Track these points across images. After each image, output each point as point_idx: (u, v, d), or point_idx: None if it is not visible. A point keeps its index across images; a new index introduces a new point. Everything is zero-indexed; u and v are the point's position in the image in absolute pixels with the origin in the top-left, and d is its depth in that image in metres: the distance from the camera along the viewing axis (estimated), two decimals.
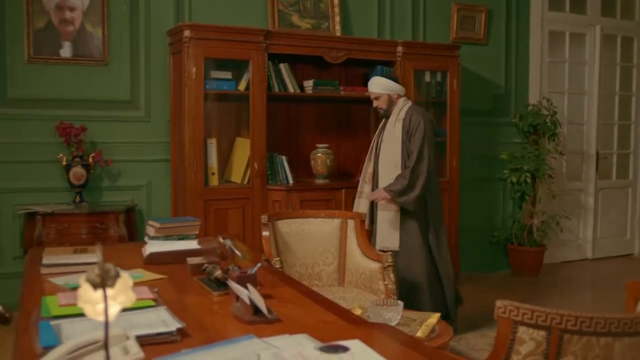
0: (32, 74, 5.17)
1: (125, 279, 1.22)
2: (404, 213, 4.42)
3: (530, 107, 6.86)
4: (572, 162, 7.44)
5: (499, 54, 6.85)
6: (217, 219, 5.04)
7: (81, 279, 1.20)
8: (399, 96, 4.61)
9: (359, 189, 4.69)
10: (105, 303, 1.15)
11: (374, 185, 4.59)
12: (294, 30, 5.67)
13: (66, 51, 5.25)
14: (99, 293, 1.18)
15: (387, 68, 5.76)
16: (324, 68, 5.73)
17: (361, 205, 4.60)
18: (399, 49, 5.75)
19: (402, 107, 4.57)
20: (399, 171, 4.42)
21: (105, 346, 1.21)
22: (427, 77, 6.11)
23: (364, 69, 5.91)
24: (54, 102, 5.20)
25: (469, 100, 6.50)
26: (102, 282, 1.15)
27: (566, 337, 1.69)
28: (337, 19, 5.91)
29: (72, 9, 5.26)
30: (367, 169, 4.70)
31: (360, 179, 4.73)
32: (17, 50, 5.11)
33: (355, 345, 1.56)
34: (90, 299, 1.19)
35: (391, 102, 4.58)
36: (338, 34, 5.87)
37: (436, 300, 4.43)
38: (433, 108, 6.22)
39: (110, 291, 1.19)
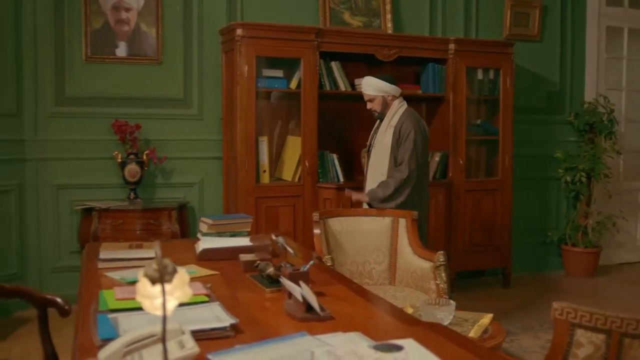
0: (89, 73, 5.29)
1: (182, 274, 1.24)
2: None
3: (586, 105, 6.71)
4: (630, 161, 7.24)
5: (553, 51, 6.72)
6: (268, 217, 5.07)
7: (140, 274, 1.22)
8: (394, 98, 4.41)
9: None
10: (163, 298, 1.17)
11: (364, 189, 4.45)
12: (345, 28, 5.66)
13: (122, 50, 5.36)
14: (157, 288, 1.20)
15: (438, 66, 5.71)
16: (375, 66, 5.70)
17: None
18: (451, 46, 5.69)
19: (397, 110, 4.37)
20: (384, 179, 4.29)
21: (163, 340, 1.23)
22: (480, 75, 6.03)
23: (416, 66, 5.87)
24: (110, 100, 5.31)
25: (523, 98, 6.40)
26: (161, 277, 1.17)
27: (627, 341, 1.65)
28: (389, 16, 5.88)
29: (127, 10, 5.36)
30: (365, 170, 4.60)
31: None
32: (75, 50, 5.24)
33: (409, 345, 1.55)
34: (149, 294, 1.21)
35: (385, 105, 4.40)
36: (389, 31, 5.84)
37: None
38: (485, 106, 6.15)
39: (167, 286, 1.21)
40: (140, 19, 5.40)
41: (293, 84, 5.27)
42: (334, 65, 5.45)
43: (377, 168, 4.33)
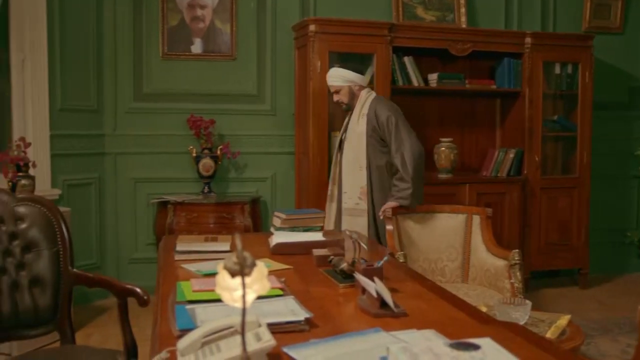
0: (165, 70, 5.42)
1: (261, 267, 1.25)
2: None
3: None
4: None
5: (636, 44, 6.46)
6: None
7: (219, 267, 1.24)
8: (361, 87, 4.21)
9: (328, 192, 4.38)
10: (243, 291, 1.18)
11: (339, 187, 4.26)
12: (418, 23, 5.61)
13: (197, 47, 5.47)
14: (236, 280, 1.21)
15: (513, 60, 5.59)
16: (448, 61, 5.63)
17: (330, 210, 4.32)
18: (528, 40, 5.55)
19: (365, 99, 4.17)
20: (363, 172, 4.08)
21: (242, 332, 1.24)
22: (557, 69, 5.87)
23: (490, 61, 5.76)
24: (186, 96, 5.43)
25: (602, 93, 6.18)
26: (241, 270, 1.18)
27: None
28: (463, 10, 5.79)
29: (203, 7, 5.46)
30: (335, 169, 4.36)
31: (330, 180, 4.40)
32: (152, 47, 5.38)
33: (487, 344, 1.52)
34: (228, 286, 1.22)
35: (353, 95, 4.19)
36: (463, 25, 5.75)
37: None
38: (562, 101, 5.98)
39: (246, 279, 1.22)
40: (215, 16, 5.49)
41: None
42: (407, 60, 5.41)
43: (355, 160, 4.10)
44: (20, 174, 4.29)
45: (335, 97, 4.21)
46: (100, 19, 5.28)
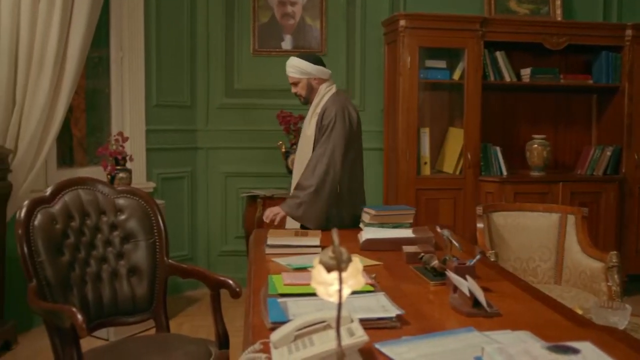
0: (256, 66, 5.51)
1: (356, 263, 1.25)
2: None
3: None
4: None
5: None
6: (428, 209, 5.03)
7: (315, 261, 1.25)
8: (321, 81, 3.75)
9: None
10: (340, 286, 1.19)
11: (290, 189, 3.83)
12: (511, 17, 5.47)
13: (287, 43, 5.53)
14: (332, 275, 1.22)
15: (612, 54, 5.37)
16: (542, 55, 5.47)
17: None
18: (628, 32, 5.32)
19: (323, 95, 3.73)
20: None
21: (337, 327, 1.25)
22: None
23: (587, 55, 5.56)
24: (276, 91, 5.50)
25: None
26: (338, 265, 1.18)
27: None
28: (558, 2, 5.60)
29: (293, 4, 5.51)
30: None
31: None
32: (243, 44, 5.48)
33: (587, 348, 1.47)
34: (324, 281, 1.23)
35: (311, 88, 3.76)
36: (559, 18, 5.56)
37: None
38: None
39: (342, 274, 1.22)
40: (305, 13, 5.54)
41: (456, 75, 5.18)
42: (499, 55, 5.29)
43: (301, 162, 3.71)
44: (118, 167, 4.46)
45: (293, 89, 3.83)
46: (194, 18, 5.42)
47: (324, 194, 3.47)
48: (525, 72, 5.34)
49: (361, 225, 3.29)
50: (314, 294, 1.74)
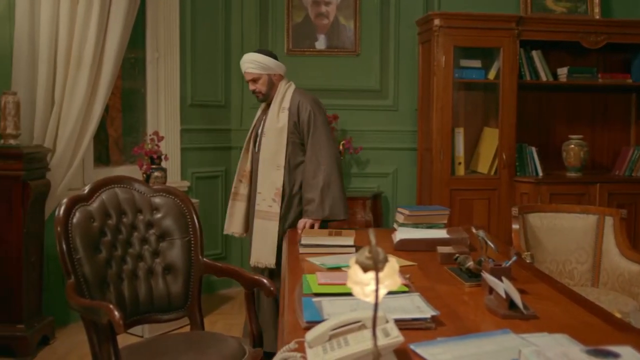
0: (290, 66, 5.47)
1: (393, 263, 1.25)
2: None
3: None
4: None
5: None
6: (462, 209, 4.99)
7: (351, 261, 1.25)
8: (280, 77, 3.76)
9: (233, 189, 3.87)
10: (376, 286, 1.18)
11: (252, 186, 3.79)
12: (548, 15, 5.40)
13: (321, 43, 5.53)
14: (369, 275, 1.21)
15: None
16: (579, 54, 5.39)
17: (236, 209, 3.85)
18: None
19: (285, 91, 3.74)
20: (281, 172, 3.63)
21: (373, 327, 1.25)
22: None
23: (625, 53, 5.46)
24: (309, 91, 5.47)
25: None
26: (375, 265, 1.18)
27: None
28: (596, 0, 5.51)
29: (327, 3, 5.52)
30: (244, 165, 3.86)
31: (236, 176, 3.89)
32: (277, 44, 5.50)
33: (628, 353, 1.44)
34: (360, 280, 1.23)
35: (272, 85, 3.73)
36: (597, 16, 5.47)
37: None
38: None
39: (378, 274, 1.22)
40: (339, 13, 5.54)
41: (491, 75, 5.14)
42: (535, 54, 5.23)
43: (273, 159, 3.64)
44: (154, 166, 4.51)
45: (252, 86, 3.74)
46: (229, 18, 5.46)
47: (337, 181, 3.56)
48: (562, 72, 5.27)
49: (395, 225, 3.28)
50: (348, 294, 1.75)
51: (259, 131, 3.78)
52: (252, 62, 3.68)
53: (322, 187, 3.53)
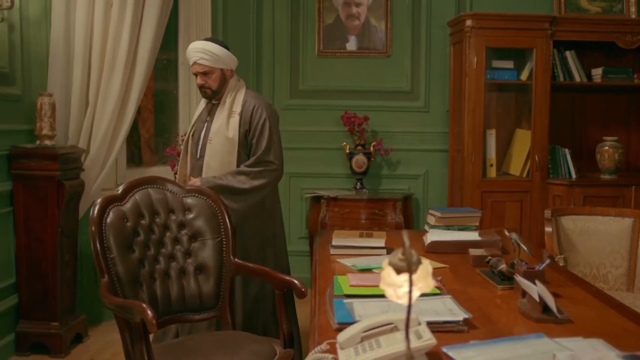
0: (321, 67, 5.53)
1: (426, 265, 1.24)
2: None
3: None
4: None
5: None
6: (494, 211, 4.95)
7: (384, 263, 1.25)
8: (232, 73, 3.42)
9: None
10: (410, 288, 1.18)
11: None
12: (582, 15, 5.32)
13: (352, 44, 5.53)
14: (402, 277, 1.21)
15: None
16: (614, 54, 5.31)
17: None
18: None
19: (237, 91, 3.39)
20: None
21: (406, 329, 1.24)
22: None
23: None
24: (340, 92, 5.51)
25: None
26: (408, 267, 1.18)
27: None
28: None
29: (358, 5, 5.51)
30: (183, 170, 3.50)
31: (177, 179, 3.53)
32: (308, 45, 5.51)
33: None
34: (393, 282, 1.23)
35: (224, 81, 3.37)
36: (633, 16, 5.38)
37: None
38: None
39: (412, 276, 1.21)
40: (370, 14, 5.53)
41: (524, 76, 5.08)
42: (569, 54, 5.16)
43: (219, 168, 3.30)
44: None
45: (201, 80, 3.34)
46: (260, 20, 5.48)
47: (253, 195, 3.30)
48: (597, 72, 5.19)
49: (426, 227, 3.26)
50: (379, 296, 1.74)
51: (202, 134, 3.40)
52: (206, 53, 3.29)
53: (232, 187, 3.22)
